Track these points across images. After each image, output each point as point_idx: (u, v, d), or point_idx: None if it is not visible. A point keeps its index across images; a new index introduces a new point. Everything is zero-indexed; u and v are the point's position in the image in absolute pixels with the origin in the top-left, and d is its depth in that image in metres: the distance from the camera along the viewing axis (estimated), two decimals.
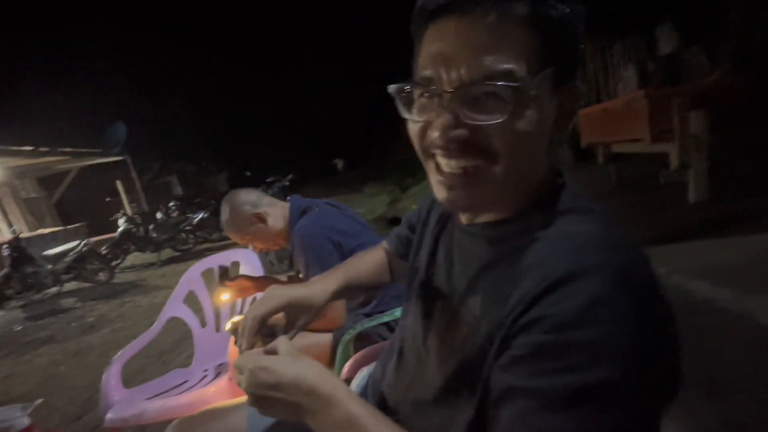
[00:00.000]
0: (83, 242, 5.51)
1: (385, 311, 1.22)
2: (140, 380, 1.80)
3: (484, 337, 0.43)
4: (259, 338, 0.61)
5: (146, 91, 16.64)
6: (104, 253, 6.18)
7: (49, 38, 18.76)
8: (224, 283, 1.24)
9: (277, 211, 1.33)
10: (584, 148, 5.02)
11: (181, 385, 1.51)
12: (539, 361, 0.36)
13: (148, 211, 8.56)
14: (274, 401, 0.47)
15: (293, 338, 0.63)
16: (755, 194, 2.87)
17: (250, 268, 1.72)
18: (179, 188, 13.69)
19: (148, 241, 6.68)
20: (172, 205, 8.12)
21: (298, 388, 0.46)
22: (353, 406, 0.45)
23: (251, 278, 1.29)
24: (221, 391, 1.28)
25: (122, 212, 7.08)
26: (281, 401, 0.46)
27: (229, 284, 1.24)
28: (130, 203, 9.73)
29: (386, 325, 1.21)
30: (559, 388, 0.34)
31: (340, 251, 1.21)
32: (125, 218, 6.70)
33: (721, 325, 1.66)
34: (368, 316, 1.24)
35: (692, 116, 2.98)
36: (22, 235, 5.81)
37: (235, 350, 1.31)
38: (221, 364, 1.59)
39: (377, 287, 0.82)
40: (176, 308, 1.71)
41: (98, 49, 17.87)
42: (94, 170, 10.34)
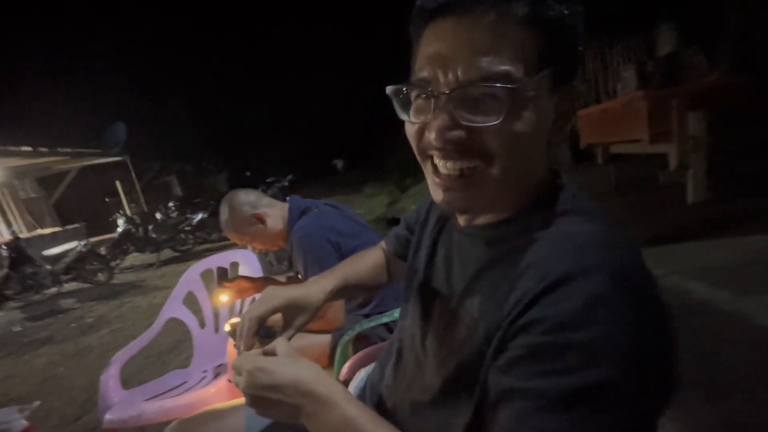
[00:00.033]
0: (82, 243, 5.50)
1: (384, 312, 1.22)
2: (139, 381, 1.80)
3: (482, 338, 0.43)
4: (257, 339, 0.60)
5: (146, 91, 16.64)
6: (103, 253, 6.16)
7: (49, 38, 18.80)
8: (223, 284, 1.24)
9: (276, 211, 1.33)
10: (583, 148, 5.00)
11: (180, 386, 1.51)
12: (538, 361, 0.36)
13: (147, 211, 8.53)
14: (272, 402, 0.47)
15: (292, 339, 0.63)
16: (754, 194, 2.88)
17: (249, 269, 1.72)
18: (179, 188, 13.67)
19: (147, 241, 6.67)
20: (171, 205, 8.10)
21: (296, 389, 0.46)
22: (350, 408, 0.45)
23: (250, 279, 1.30)
24: (220, 392, 1.28)
25: (122, 212, 7.08)
26: (279, 402, 0.47)
27: (228, 285, 1.25)
28: (129, 203, 9.71)
29: (385, 326, 1.21)
30: (557, 388, 0.34)
31: (339, 252, 1.21)
32: (125, 219, 6.70)
33: (720, 325, 1.66)
34: (367, 317, 1.24)
35: (691, 117, 2.98)
36: (21, 235, 5.83)
37: (233, 351, 1.30)
38: (220, 365, 1.59)
39: (375, 287, 0.82)
40: (175, 309, 1.71)
41: (98, 49, 17.91)
42: (93, 170, 10.36)
